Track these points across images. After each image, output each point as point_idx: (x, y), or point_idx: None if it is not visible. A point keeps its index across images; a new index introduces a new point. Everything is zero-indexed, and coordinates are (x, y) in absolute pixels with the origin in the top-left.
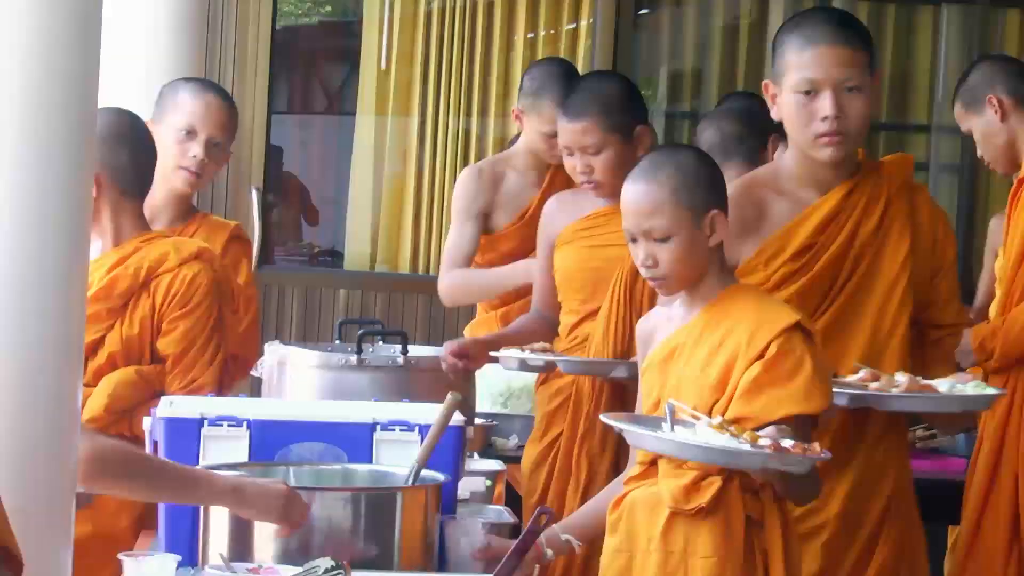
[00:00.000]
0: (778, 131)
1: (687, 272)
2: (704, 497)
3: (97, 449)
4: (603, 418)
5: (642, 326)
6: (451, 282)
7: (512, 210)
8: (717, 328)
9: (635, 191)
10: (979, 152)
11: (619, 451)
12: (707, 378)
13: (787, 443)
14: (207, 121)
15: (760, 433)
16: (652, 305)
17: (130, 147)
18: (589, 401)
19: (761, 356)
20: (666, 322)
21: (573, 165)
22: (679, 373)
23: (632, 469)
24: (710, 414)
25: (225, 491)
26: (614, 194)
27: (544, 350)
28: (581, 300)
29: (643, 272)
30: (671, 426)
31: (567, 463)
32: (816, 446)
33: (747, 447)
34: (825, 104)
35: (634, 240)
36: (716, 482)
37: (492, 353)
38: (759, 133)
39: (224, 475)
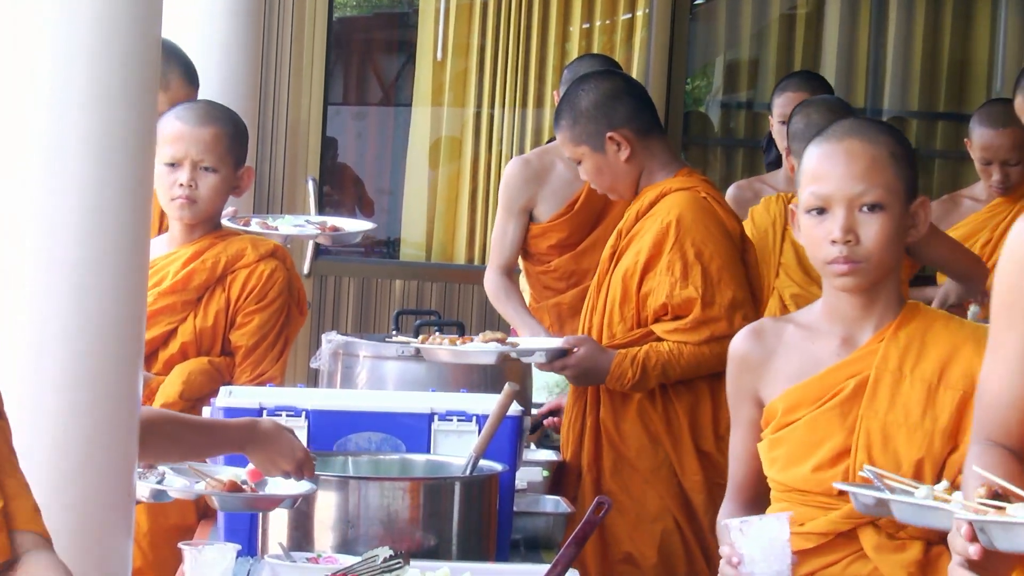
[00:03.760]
0: None
1: (887, 261)
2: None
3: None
4: (846, 487)
5: (750, 346)
6: (492, 290)
7: (559, 201)
8: (922, 356)
9: (847, 148)
10: None
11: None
12: (934, 423)
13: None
14: None
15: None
16: (624, 292)
17: None
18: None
19: None
20: (802, 343)
21: None
22: (880, 417)
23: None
24: (942, 469)
25: (241, 425)
26: (622, 195)
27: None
28: None
29: (831, 251)
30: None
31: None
32: None
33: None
34: None
35: (822, 211)
36: (945, 548)
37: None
38: None
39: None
